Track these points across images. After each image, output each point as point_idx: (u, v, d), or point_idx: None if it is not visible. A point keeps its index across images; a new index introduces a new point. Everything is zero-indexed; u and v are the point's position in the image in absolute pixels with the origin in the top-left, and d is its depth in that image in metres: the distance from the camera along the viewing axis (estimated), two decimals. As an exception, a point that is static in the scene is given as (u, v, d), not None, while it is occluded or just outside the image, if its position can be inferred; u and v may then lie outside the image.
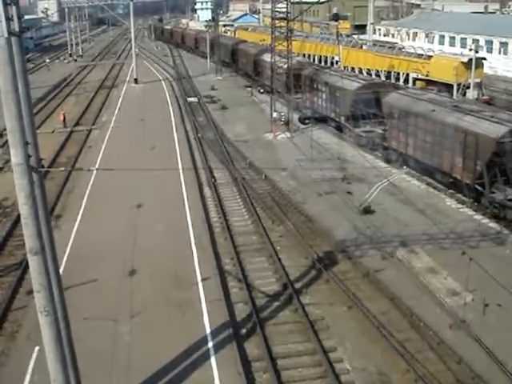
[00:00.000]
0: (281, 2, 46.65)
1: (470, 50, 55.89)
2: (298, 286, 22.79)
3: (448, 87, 55.10)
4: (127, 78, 79.26)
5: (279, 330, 19.96)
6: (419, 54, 61.58)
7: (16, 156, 11.13)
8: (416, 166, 35.22)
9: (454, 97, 51.37)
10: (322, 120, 48.58)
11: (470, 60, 53.26)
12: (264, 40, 78.25)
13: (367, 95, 41.86)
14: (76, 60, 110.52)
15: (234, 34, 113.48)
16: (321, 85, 48.37)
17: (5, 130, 11.24)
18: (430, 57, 59.96)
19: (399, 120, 36.38)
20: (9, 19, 10.26)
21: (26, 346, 18.40)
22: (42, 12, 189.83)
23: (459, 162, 30.62)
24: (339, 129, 45.65)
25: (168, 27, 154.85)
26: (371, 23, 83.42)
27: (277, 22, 46.98)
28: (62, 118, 52.40)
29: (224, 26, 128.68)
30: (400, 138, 36.26)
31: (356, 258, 24.68)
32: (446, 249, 25.21)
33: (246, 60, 74.88)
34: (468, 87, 54.00)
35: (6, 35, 10.30)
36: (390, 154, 37.83)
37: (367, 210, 29.46)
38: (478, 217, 29.16)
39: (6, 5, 10.15)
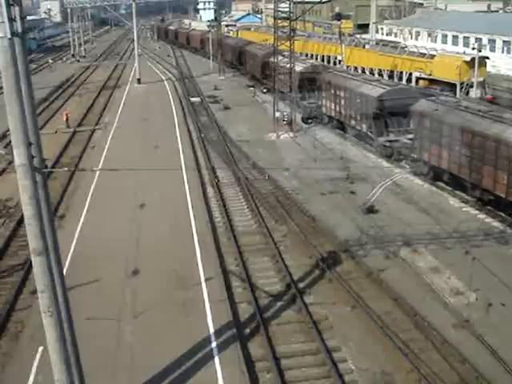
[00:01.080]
0: (283, 2, 46.63)
1: (473, 48, 55.81)
2: (301, 285, 22.78)
3: (451, 86, 55.06)
4: (130, 79, 79.36)
5: (283, 330, 19.95)
6: (422, 53, 61.54)
7: (19, 157, 11.15)
8: (451, 180, 32.42)
9: (457, 96, 51.30)
10: (342, 128, 46.08)
11: (473, 59, 53.23)
12: (267, 40, 78.14)
13: (391, 102, 39.02)
14: (79, 60, 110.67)
15: (237, 34, 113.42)
16: (339, 90, 45.36)
17: (8, 130, 11.24)
18: (432, 56, 59.91)
19: (431, 130, 33.24)
20: (12, 20, 10.28)
21: (29, 346, 18.43)
22: (45, 13, 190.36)
23: (503, 179, 27.85)
24: (360, 137, 42.96)
25: (173, 28, 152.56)
26: (374, 22, 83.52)
27: (279, 21, 46.98)
28: (65, 118, 52.44)
29: (226, 26, 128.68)
30: (432, 149, 33.05)
31: (359, 258, 24.65)
32: (450, 248, 25.16)
33: (253, 62, 71.97)
34: (471, 86, 53.96)
35: (9, 36, 10.31)
36: (420, 167, 34.74)
37: (370, 210, 29.43)
38: (481, 216, 29.10)
39: (8, 5, 10.16)
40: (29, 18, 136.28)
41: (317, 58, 79.24)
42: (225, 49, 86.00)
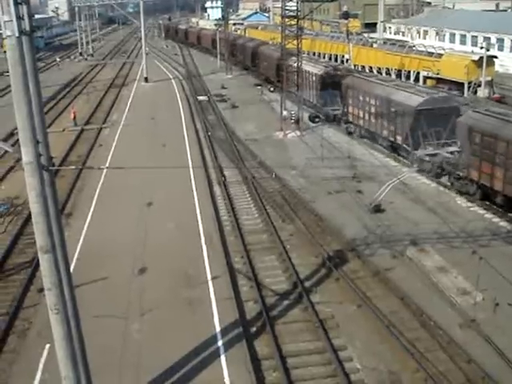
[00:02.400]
0: (291, 1, 46.59)
1: (481, 48, 55.73)
2: (307, 284, 22.78)
3: (459, 85, 54.95)
4: (137, 77, 79.44)
5: (289, 329, 19.95)
6: (430, 52, 61.46)
7: (27, 155, 11.17)
8: (505, 203, 29.30)
9: (465, 95, 51.19)
10: (371, 137, 42.82)
11: (481, 58, 53.14)
12: (274, 38, 78.23)
13: (431, 112, 35.69)
14: (86, 59, 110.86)
15: (244, 33, 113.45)
16: (369, 97, 42.00)
17: (16, 128, 11.28)
18: (440, 55, 59.80)
19: (482, 146, 29.97)
20: (20, 18, 10.30)
21: (36, 343, 18.50)
22: (53, 11, 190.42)
23: None
24: (393, 149, 39.75)
25: (183, 27, 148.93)
26: (382, 21, 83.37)
27: (287, 20, 46.94)
28: (72, 116, 52.56)
29: (234, 24, 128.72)
30: (483, 167, 29.86)
31: (366, 257, 24.63)
32: (457, 248, 25.10)
33: (267, 64, 67.94)
34: (479, 85, 53.86)
35: (17, 34, 10.33)
36: (467, 186, 31.67)
37: (377, 209, 29.39)
38: (488, 215, 29.03)
39: (16, 4, 10.19)
40: (37, 16, 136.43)
41: (324, 57, 79.18)
42: (237, 49, 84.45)
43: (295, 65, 48.00)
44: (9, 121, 13.57)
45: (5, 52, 10.85)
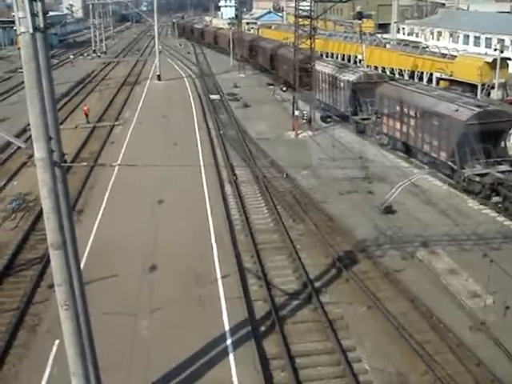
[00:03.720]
0: (304, 0, 46.55)
1: (495, 49, 55.45)
2: (317, 284, 22.76)
3: (472, 87, 54.70)
4: (150, 75, 79.57)
5: (298, 329, 19.94)
6: (443, 54, 61.23)
7: (39, 151, 11.22)
8: None
9: (478, 97, 50.94)
10: (408, 151, 39.33)
11: (495, 60, 52.84)
12: (287, 38, 78.15)
13: (482, 127, 32.21)
14: (100, 56, 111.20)
15: (258, 32, 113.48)
16: (407, 107, 38.35)
17: (29, 125, 11.34)
18: (454, 56, 59.56)
19: None
20: (34, 15, 10.34)
21: (46, 339, 18.57)
22: (67, 8, 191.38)
23: None
24: (434, 166, 36.22)
25: (199, 26, 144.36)
26: (395, 22, 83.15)
27: (300, 20, 46.91)
28: (85, 113, 52.74)
29: (247, 23, 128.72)
30: None
31: (376, 258, 24.58)
32: (468, 250, 25.00)
33: (288, 68, 61.29)
34: (492, 87, 53.58)
35: (31, 31, 10.38)
36: None
37: (388, 210, 29.32)
38: (500, 218, 28.89)
39: (31, 1, 10.23)
40: (51, 13, 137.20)
41: (337, 57, 79.05)
42: (255, 51, 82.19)
43: (319, 69, 47.67)
44: (22, 117, 13.61)
45: (19, 49, 10.91)
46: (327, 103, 52.17)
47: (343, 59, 77.61)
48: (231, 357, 17.84)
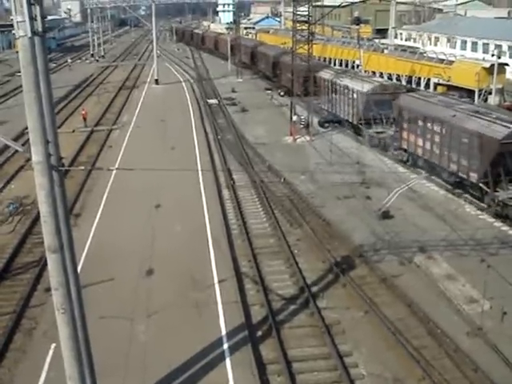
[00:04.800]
0: (302, 6, 46.65)
1: (493, 55, 55.47)
2: (314, 289, 22.75)
3: (469, 93, 54.76)
4: (148, 79, 79.66)
5: (295, 334, 19.93)
6: (441, 59, 61.28)
7: (37, 154, 11.21)
8: None
9: (476, 102, 51.00)
10: (431, 169, 36.23)
11: (492, 65, 52.89)
12: (285, 43, 78.21)
13: None
14: (98, 60, 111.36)
15: (256, 37, 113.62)
16: (431, 122, 35.23)
17: (26, 128, 11.33)
18: (451, 62, 59.64)
19: None
20: (32, 19, 10.35)
21: (42, 342, 18.55)
22: (65, 12, 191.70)
23: None
24: (462, 187, 33.40)
25: (199, 31, 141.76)
26: (393, 27, 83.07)
27: (298, 25, 47.00)
28: (82, 117, 52.76)
29: (245, 28, 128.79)
30: None
31: (374, 263, 24.58)
32: (465, 255, 25.00)
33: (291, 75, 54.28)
34: (490, 93, 53.64)
35: (30, 35, 10.38)
36: None
37: (386, 215, 29.33)
38: (497, 224, 28.91)
39: (29, 5, 10.24)
40: (49, 17, 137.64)
41: (335, 63, 79.15)
42: (257, 57, 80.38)
43: (327, 77, 47.03)
44: (20, 120, 13.62)
45: (17, 52, 10.92)
46: (337, 114, 49.57)
47: (341, 64, 77.65)
48: (228, 361, 17.82)
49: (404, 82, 62.27)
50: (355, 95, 45.34)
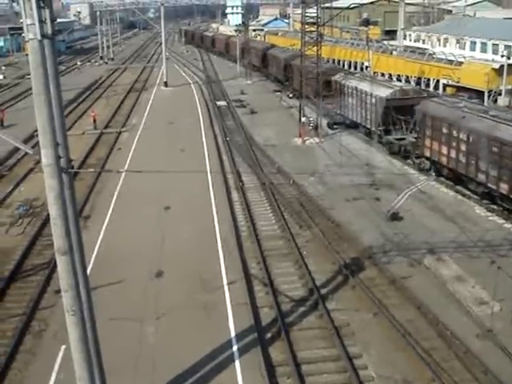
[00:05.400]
0: (311, 7, 46.63)
1: (502, 56, 55.31)
2: (323, 291, 22.72)
3: (479, 94, 54.60)
4: (157, 81, 79.82)
5: (304, 336, 19.90)
6: (450, 60, 61.11)
7: (46, 157, 11.26)
8: None
9: (485, 104, 50.84)
10: (458, 180, 34.10)
11: (502, 66, 52.73)
12: (294, 45, 78.20)
13: None
14: (107, 63, 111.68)
15: (264, 39, 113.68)
16: (457, 130, 33.01)
17: (36, 131, 11.38)
18: (460, 63, 59.47)
19: None
20: (42, 22, 10.40)
21: (52, 344, 18.59)
22: (74, 15, 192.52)
23: None
24: (491, 198, 31.37)
25: (209, 34, 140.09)
26: (402, 29, 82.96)
27: (307, 26, 46.99)
28: (92, 119, 52.95)
29: (254, 30, 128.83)
30: None
31: (383, 265, 24.51)
32: (475, 257, 24.91)
33: (305, 80, 50.84)
34: (499, 94, 53.48)
35: (39, 38, 10.43)
36: None
37: (395, 217, 29.27)
38: (507, 225, 28.78)
39: (39, 8, 10.29)
40: (59, 20, 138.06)
41: (344, 64, 79.08)
42: (268, 60, 78.73)
43: (343, 81, 46.56)
44: (29, 123, 13.70)
45: (27, 55, 10.97)
46: (353, 119, 47.88)
47: (350, 66, 77.59)
48: (237, 363, 17.81)
49: (413, 83, 62.12)
50: (374, 100, 43.39)
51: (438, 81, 60.87)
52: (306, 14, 46.86)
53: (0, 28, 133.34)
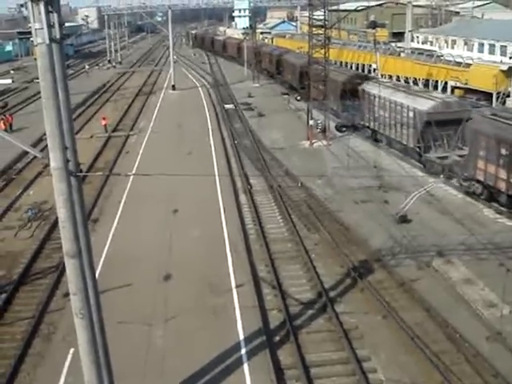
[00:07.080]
0: (318, 10, 46.65)
1: (510, 57, 55.18)
2: (332, 294, 22.67)
3: (487, 96, 54.44)
4: (165, 85, 80.00)
5: (313, 339, 19.85)
6: (458, 62, 60.97)
7: (55, 160, 11.29)
8: None
9: (493, 105, 50.66)
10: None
11: (510, 68, 52.57)
12: (301, 48, 78.22)
13: None
14: (115, 66, 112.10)
15: (272, 42, 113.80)
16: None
17: (45, 134, 11.42)
18: (468, 65, 59.32)
19: None
20: (50, 26, 10.44)
21: (61, 347, 18.62)
22: (82, 19, 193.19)
23: None
24: None
25: (220, 38, 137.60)
26: (409, 31, 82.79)
27: (314, 29, 46.99)
28: (103, 123, 53.11)
29: (261, 33, 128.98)
30: None
31: (391, 267, 24.44)
32: (484, 259, 24.81)
33: (324, 88, 48.34)
34: (508, 96, 53.29)
35: (48, 42, 10.47)
36: None
37: (403, 219, 29.18)
38: (516, 227, 28.67)
39: (48, 12, 10.33)
40: (67, 24, 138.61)
41: (351, 67, 79.01)
42: (283, 66, 76.33)
43: (373, 92, 44.15)
44: (38, 126, 13.75)
45: (35, 59, 11.02)
46: (386, 135, 43.69)
47: (357, 68, 77.55)
48: (246, 366, 17.79)
49: (421, 86, 61.98)
50: (411, 114, 39.03)
51: (446, 83, 60.73)
52: (314, 17, 46.85)
53: (9, 32, 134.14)
